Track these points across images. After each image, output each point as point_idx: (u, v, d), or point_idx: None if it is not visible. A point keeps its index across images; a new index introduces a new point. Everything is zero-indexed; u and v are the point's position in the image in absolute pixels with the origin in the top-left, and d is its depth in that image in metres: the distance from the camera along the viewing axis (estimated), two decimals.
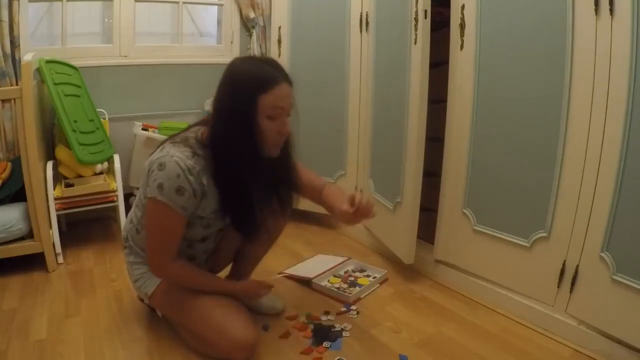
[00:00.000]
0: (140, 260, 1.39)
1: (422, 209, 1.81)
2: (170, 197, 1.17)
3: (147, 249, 1.31)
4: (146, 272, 1.38)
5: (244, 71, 1.21)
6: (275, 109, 1.19)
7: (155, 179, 1.18)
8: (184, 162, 1.17)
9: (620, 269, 1.25)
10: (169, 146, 1.21)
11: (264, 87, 1.17)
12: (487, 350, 1.39)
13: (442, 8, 1.76)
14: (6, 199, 1.97)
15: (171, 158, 1.17)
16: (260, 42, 2.87)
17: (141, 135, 2.37)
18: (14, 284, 1.80)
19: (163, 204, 1.18)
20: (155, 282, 1.36)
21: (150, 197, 1.20)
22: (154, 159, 1.21)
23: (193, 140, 1.25)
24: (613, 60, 1.21)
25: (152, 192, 1.18)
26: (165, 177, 1.16)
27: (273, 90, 1.18)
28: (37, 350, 1.37)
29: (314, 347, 1.38)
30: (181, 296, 1.34)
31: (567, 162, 1.36)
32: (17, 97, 1.77)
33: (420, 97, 1.66)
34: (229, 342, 1.26)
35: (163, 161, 1.17)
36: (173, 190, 1.17)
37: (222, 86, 1.23)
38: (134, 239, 1.39)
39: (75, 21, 2.54)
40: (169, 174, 1.16)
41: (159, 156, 1.19)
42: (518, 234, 1.54)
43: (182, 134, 1.28)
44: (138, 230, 1.36)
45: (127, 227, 1.42)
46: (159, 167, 1.17)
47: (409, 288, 1.81)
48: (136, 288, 1.42)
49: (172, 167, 1.16)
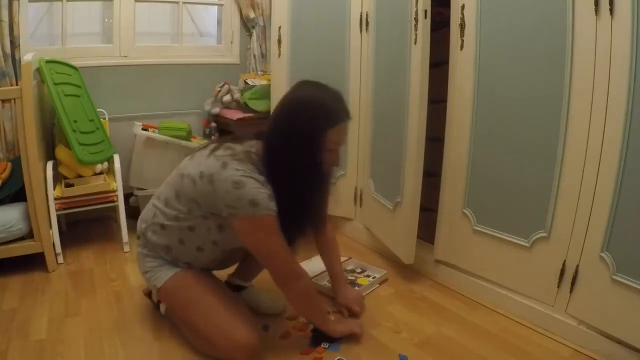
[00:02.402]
0: (154, 254, 1.39)
1: (422, 209, 1.81)
2: (267, 206, 1.17)
3: (274, 268, 1.27)
4: (158, 265, 1.38)
5: (317, 100, 1.23)
6: (337, 145, 1.25)
7: (240, 198, 1.16)
8: (256, 177, 1.18)
9: (620, 269, 1.25)
10: (234, 163, 1.19)
11: (334, 121, 1.22)
12: (487, 350, 1.39)
13: (442, 8, 1.76)
14: (6, 199, 1.97)
15: (244, 175, 1.17)
16: (260, 42, 2.88)
17: (141, 135, 2.37)
18: (14, 284, 1.80)
19: (264, 216, 1.17)
20: (165, 276, 1.36)
21: (244, 217, 1.18)
22: (221, 177, 1.17)
23: (255, 157, 1.24)
24: (613, 60, 1.20)
25: (246, 211, 1.16)
26: (252, 192, 1.16)
27: (340, 126, 1.24)
28: (37, 350, 1.37)
29: (313, 348, 1.38)
30: (188, 293, 1.35)
31: (567, 162, 1.36)
32: (17, 97, 1.77)
33: (420, 97, 1.66)
34: (231, 342, 1.26)
35: (237, 180, 1.16)
36: (267, 200, 1.17)
37: (288, 107, 1.25)
38: (156, 234, 1.36)
39: (75, 21, 2.54)
40: (254, 187, 1.16)
41: (228, 175, 1.16)
42: (518, 234, 1.54)
43: (240, 148, 1.26)
44: (164, 227, 1.33)
45: (149, 221, 1.38)
46: (235, 185, 1.15)
47: (409, 288, 1.81)
48: (146, 279, 1.43)
49: (251, 182, 1.16)
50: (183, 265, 1.39)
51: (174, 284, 1.35)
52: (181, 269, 1.38)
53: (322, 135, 1.21)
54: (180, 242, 1.34)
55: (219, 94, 2.66)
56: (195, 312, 1.33)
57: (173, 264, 1.38)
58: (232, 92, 2.65)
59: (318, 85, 1.28)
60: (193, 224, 1.30)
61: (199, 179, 1.22)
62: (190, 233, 1.31)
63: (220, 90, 2.65)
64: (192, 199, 1.26)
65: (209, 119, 2.76)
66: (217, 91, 2.67)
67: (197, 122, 2.74)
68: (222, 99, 2.64)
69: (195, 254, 1.36)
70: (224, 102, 2.64)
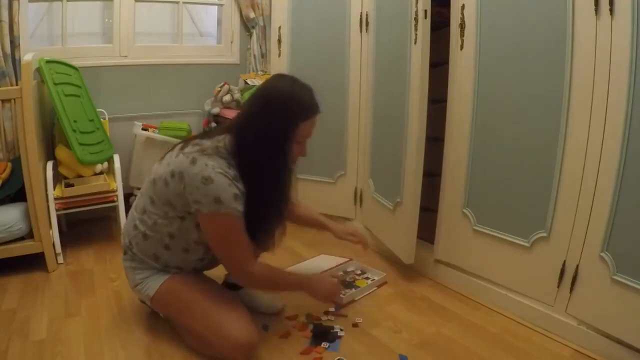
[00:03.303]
0: (144, 266, 1.39)
1: (422, 209, 1.81)
2: (231, 206, 1.18)
3: (228, 264, 1.31)
4: (148, 276, 1.38)
5: (290, 93, 1.26)
6: (306, 137, 1.29)
7: (206, 194, 1.16)
8: (227, 172, 1.18)
9: (620, 269, 1.25)
10: (204, 158, 1.19)
11: (306, 114, 1.26)
12: (487, 350, 1.39)
13: (442, 8, 1.76)
14: (6, 199, 1.97)
15: (213, 170, 1.17)
16: (260, 42, 2.88)
17: (141, 135, 2.37)
18: (14, 284, 1.80)
19: (227, 215, 1.18)
20: (156, 284, 1.36)
21: (207, 213, 1.18)
22: (190, 172, 1.18)
23: (224, 151, 1.24)
24: (613, 60, 1.20)
25: (210, 208, 1.17)
26: (219, 189, 1.16)
27: (310, 119, 1.27)
28: (37, 350, 1.37)
29: (313, 348, 1.38)
30: (182, 297, 1.34)
31: (567, 162, 1.36)
32: (17, 97, 1.77)
33: (420, 97, 1.66)
34: (230, 342, 1.26)
35: (207, 175, 1.16)
36: (232, 199, 1.18)
37: (263, 100, 1.28)
38: (140, 245, 1.36)
39: (75, 21, 2.54)
40: (221, 185, 1.17)
41: (197, 170, 1.17)
42: (518, 234, 1.54)
43: (209, 143, 1.26)
44: (146, 237, 1.34)
45: (131, 234, 1.38)
46: (203, 181, 1.16)
47: (409, 288, 1.81)
48: (136, 292, 1.42)
49: (220, 179, 1.17)
50: (174, 270, 1.39)
51: (166, 291, 1.35)
52: (172, 274, 1.37)
53: (294, 128, 1.24)
54: (166, 248, 1.34)
55: (219, 94, 2.66)
56: (191, 315, 1.32)
57: (164, 271, 1.38)
58: (232, 92, 2.65)
59: (291, 79, 1.31)
60: (172, 229, 1.30)
61: (171, 179, 1.22)
62: (172, 240, 1.32)
63: (220, 90, 2.65)
64: (167, 201, 1.27)
65: (209, 119, 2.75)
66: (217, 91, 2.67)
67: (197, 122, 2.74)
68: (222, 99, 2.64)
69: (183, 256, 1.36)
70: (224, 102, 2.64)
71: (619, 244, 1.25)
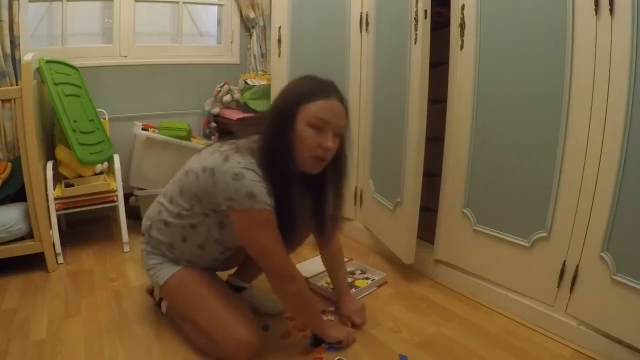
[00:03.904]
0: (158, 252, 1.39)
1: (422, 209, 1.81)
2: (265, 200, 1.16)
3: (264, 260, 1.25)
4: (160, 262, 1.38)
5: (297, 83, 1.27)
6: (318, 120, 1.20)
7: (238, 189, 1.15)
8: (256, 170, 1.18)
9: (620, 269, 1.25)
10: (236, 156, 1.19)
11: (310, 97, 1.21)
12: (487, 350, 1.39)
13: (442, 8, 1.76)
14: (6, 199, 1.97)
15: (244, 167, 1.16)
16: (260, 42, 2.88)
17: (141, 135, 2.37)
18: (14, 284, 1.80)
19: (261, 210, 1.16)
20: (167, 273, 1.36)
21: (241, 209, 1.17)
22: (222, 169, 1.17)
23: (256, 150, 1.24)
24: (613, 60, 1.20)
25: (243, 204, 1.15)
26: (250, 185, 1.15)
27: (319, 102, 1.20)
28: (37, 350, 1.37)
29: (313, 348, 1.38)
30: (191, 291, 1.35)
31: (567, 162, 1.36)
32: (17, 97, 1.77)
33: (420, 97, 1.66)
34: (233, 341, 1.26)
35: (237, 171, 1.15)
36: (265, 193, 1.17)
37: (276, 98, 1.28)
38: (160, 231, 1.37)
39: (75, 21, 2.54)
40: (252, 180, 1.15)
41: (228, 167, 1.16)
42: (518, 234, 1.54)
43: (244, 142, 1.27)
44: (168, 224, 1.34)
45: (153, 218, 1.39)
46: (234, 177, 1.15)
47: (409, 288, 1.81)
48: (148, 276, 1.43)
49: (250, 174, 1.16)
50: (185, 263, 1.39)
51: (176, 281, 1.36)
52: (183, 266, 1.38)
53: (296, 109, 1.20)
54: (183, 240, 1.34)
55: (219, 94, 2.66)
56: (197, 310, 1.33)
57: (175, 262, 1.39)
58: (232, 92, 2.65)
59: (309, 75, 1.29)
60: (195, 221, 1.30)
61: (202, 173, 1.22)
62: (193, 231, 1.32)
63: (220, 90, 2.65)
64: (195, 195, 1.26)
65: (209, 119, 2.76)
66: (217, 91, 2.67)
67: (197, 122, 2.74)
68: (222, 99, 2.64)
69: (198, 252, 1.37)
70: (224, 102, 2.64)
71: (619, 244, 1.25)
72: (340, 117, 1.24)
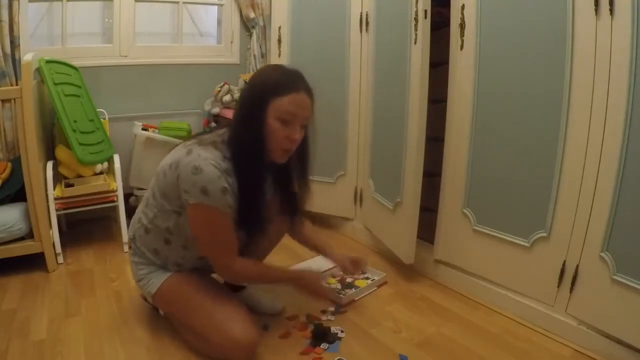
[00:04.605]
0: (145, 261, 1.39)
1: (422, 209, 1.81)
2: (217, 199, 1.17)
3: (209, 256, 1.29)
4: (150, 272, 1.38)
5: (265, 75, 1.25)
6: (287, 114, 1.21)
7: (194, 183, 1.16)
8: (218, 164, 1.18)
9: (620, 269, 1.25)
10: (198, 149, 1.19)
11: (280, 91, 1.20)
12: (487, 350, 1.39)
13: (442, 8, 1.76)
14: (6, 199, 1.97)
15: (205, 161, 1.16)
16: (260, 42, 2.87)
17: (141, 135, 2.37)
18: (14, 284, 1.80)
19: (211, 208, 1.17)
20: (158, 281, 1.36)
21: (194, 203, 1.18)
22: (184, 162, 1.18)
23: (221, 144, 1.24)
24: (613, 60, 1.20)
25: (196, 198, 1.17)
26: (206, 180, 1.15)
27: (288, 96, 1.20)
28: (37, 350, 1.37)
29: (313, 348, 1.38)
30: (184, 296, 1.35)
31: (567, 162, 1.36)
32: (17, 97, 1.77)
33: (420, 97, 1.66)
34: (230, 342, 1.26)
35: (197, 165, 1.15)
36: (219, 193, 1.17)
37: (244, 89, 1.28)
38: (142, 238, 1.38)
39: (75, 21, 2.54)
40: (210, 176, 1.15)
41: (190, 160, 1.17)
42: (518, 234, 1.54)
43: (209, 136, 1.27)
44: (147, 230, 1.35)
45: (135, 227, 1.41)
46: (193, 170, 1.15)
47: (409, 288, 1.81)
48: (139, 287, 1.43)
49: (210, 169, 1.16)
50: (173, 267, 1.39)
51: (167, 289, 1.36)
52: (173, 272, 1.38)
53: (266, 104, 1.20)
54: (166, 243, 1.35)
55: (219, 94, 2.66)
56: (192, 314, 1.33)
57: (164, 268, 1.39)
58: (232, 92, 2.65)
59: (276, 65, 1.30)
60: (169, 223, 1.30)
61: (169, 169, 1.23)
62: (171, 233, 1.32)
63: (220, 90, 2.65)
64: (164, 194, 1.27)
65: (209, 119, 2.76)
66: (217, 91, 2.67)
67: (197, 122, 2.74)
68: (222, 99, 2.64)
69: (182, 252, 1.37)
70: (224, 102, 2.64)
71: (619, 244, 1.25)
72: (307, 109, 1.26)
